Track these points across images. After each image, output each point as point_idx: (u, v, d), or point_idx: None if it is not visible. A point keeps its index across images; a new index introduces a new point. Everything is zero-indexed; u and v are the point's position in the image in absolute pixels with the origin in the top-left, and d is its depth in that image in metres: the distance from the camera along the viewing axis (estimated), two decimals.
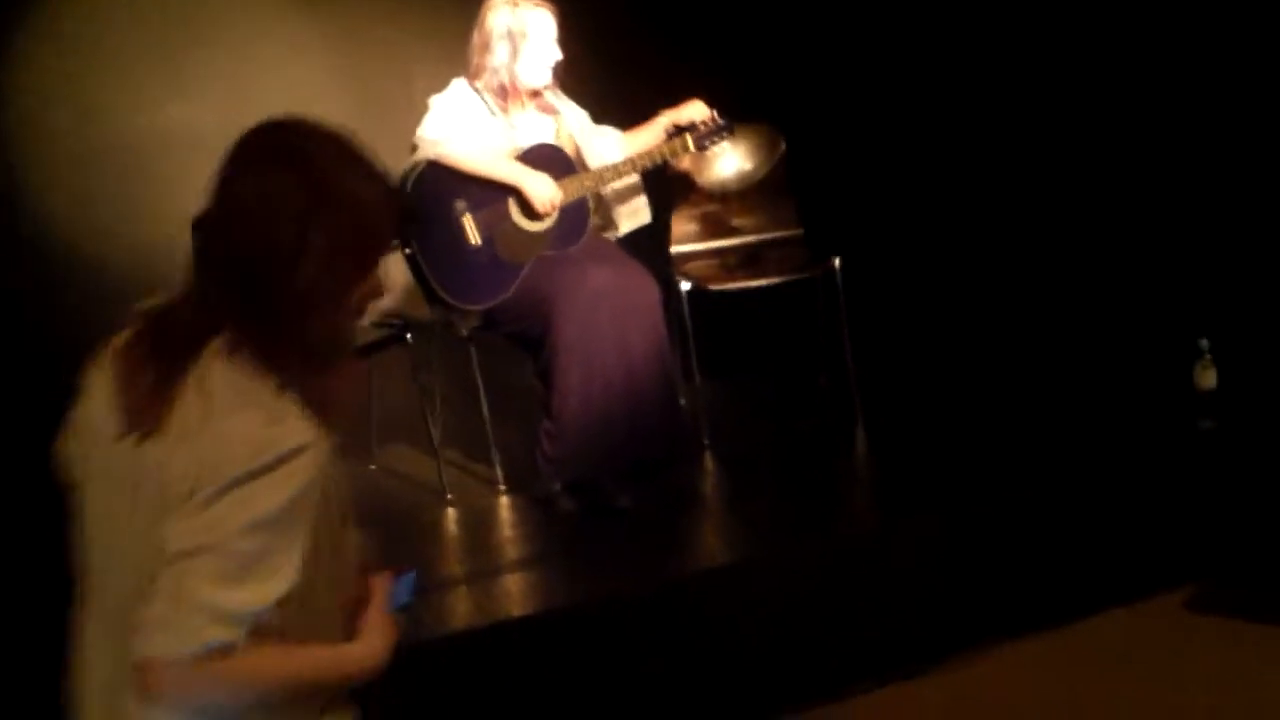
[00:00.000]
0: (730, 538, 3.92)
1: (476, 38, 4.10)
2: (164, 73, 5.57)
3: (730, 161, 4.99)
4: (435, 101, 4.08)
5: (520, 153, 4.10)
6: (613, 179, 4.19)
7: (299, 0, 5.73)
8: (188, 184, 5.21)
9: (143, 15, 5.53)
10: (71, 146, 5.36)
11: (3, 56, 5.29)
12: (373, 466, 4.64)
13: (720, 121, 4.29)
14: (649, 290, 4.05)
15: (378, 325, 4.35)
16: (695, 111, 4.30)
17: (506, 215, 4.07)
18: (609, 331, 3.94)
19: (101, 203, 5.44)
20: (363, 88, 5.81)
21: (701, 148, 4.29)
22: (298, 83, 5.83)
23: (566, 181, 4.12)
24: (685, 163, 4.34)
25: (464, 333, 4.16)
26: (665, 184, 4.86)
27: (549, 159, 4.12)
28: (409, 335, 4.25)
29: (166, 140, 5.53)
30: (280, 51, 5.79)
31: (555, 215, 4.12)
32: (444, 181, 4.01)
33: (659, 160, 4.22)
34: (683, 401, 4.60)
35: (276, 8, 5.76)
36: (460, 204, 4.02)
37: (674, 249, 4.89)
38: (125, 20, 5.50)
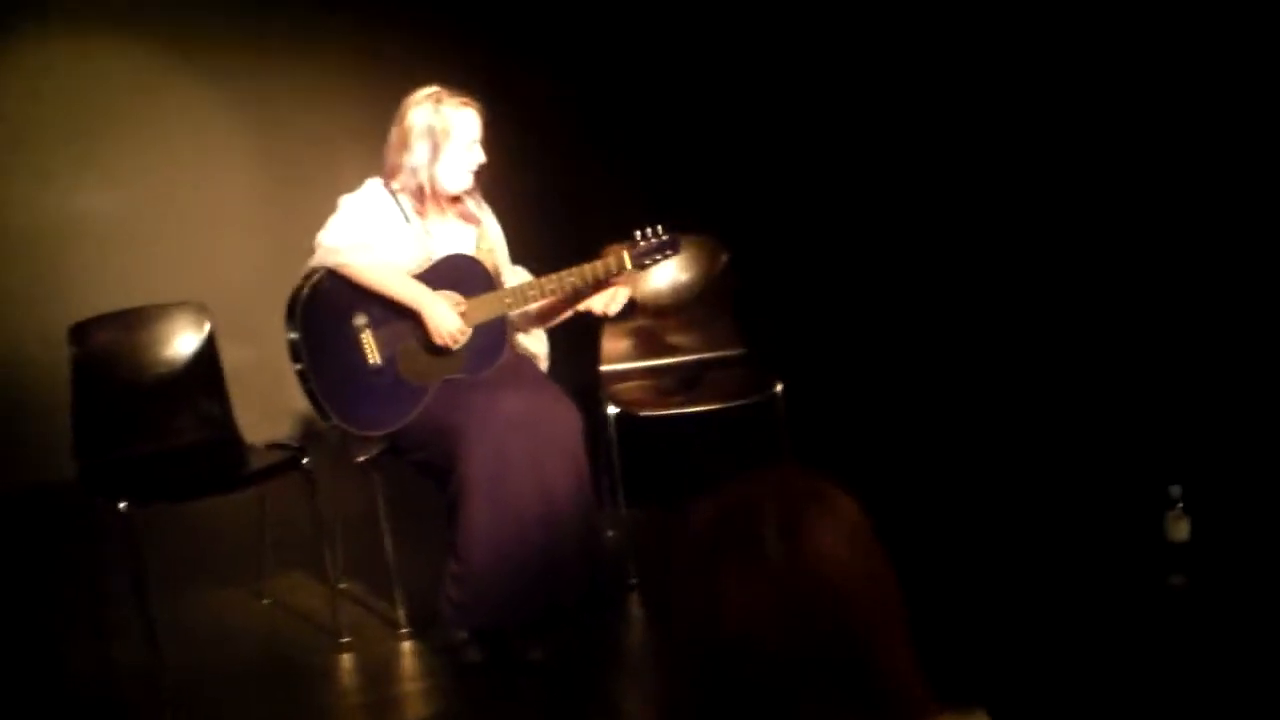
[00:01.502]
0: (655, 700, 3.50)
1: (395, 134, 3.75)
2: (74, 158, 5.30)
3: (666, 272, 4.64)
4: (344, 202, 3.72)
5: (432, 264, 3.73)
6: (536, 298, 3.82)
7: (219, 84, 5.49)
8: (97, 272, 5.12)
9: (51, 98, 5.26)
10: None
11: None
12: (265, 601, 4.20)
13: (663, 236, 3.91)
14: (568, 419, 3.68)
15: (272, 447, 3.95)
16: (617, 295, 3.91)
17: (411, 333, 3.69)
18: (523, 465, 3.57)
19: (19, 288, 5.26)
20: (285, 172, 5.56)
21: (641, 266, 3.90)
22: (217, 167, 5.58)
23: (483, 300, 3.75)
24: (621, 282, 3.92)
25: (360, 459, 3.76)
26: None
27: (464, 272, 3.76)
28: (305, 460, 3.84)
29: (76, 228, 5.27)
30: (199, 136, 5.57)
31: (467, 335, 3.74)
32: (343, 293, 3.64)
33: (589, 280, 3.83)
34: (610, 533, 4.24)
35: (195, 93, 5.51)
36: (360, 319, 3.64)
37: (604, 368, 4.53)
38: (31, 103, 5.22)
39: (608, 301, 3.86)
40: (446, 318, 3.66)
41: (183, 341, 4.10)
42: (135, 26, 5.36)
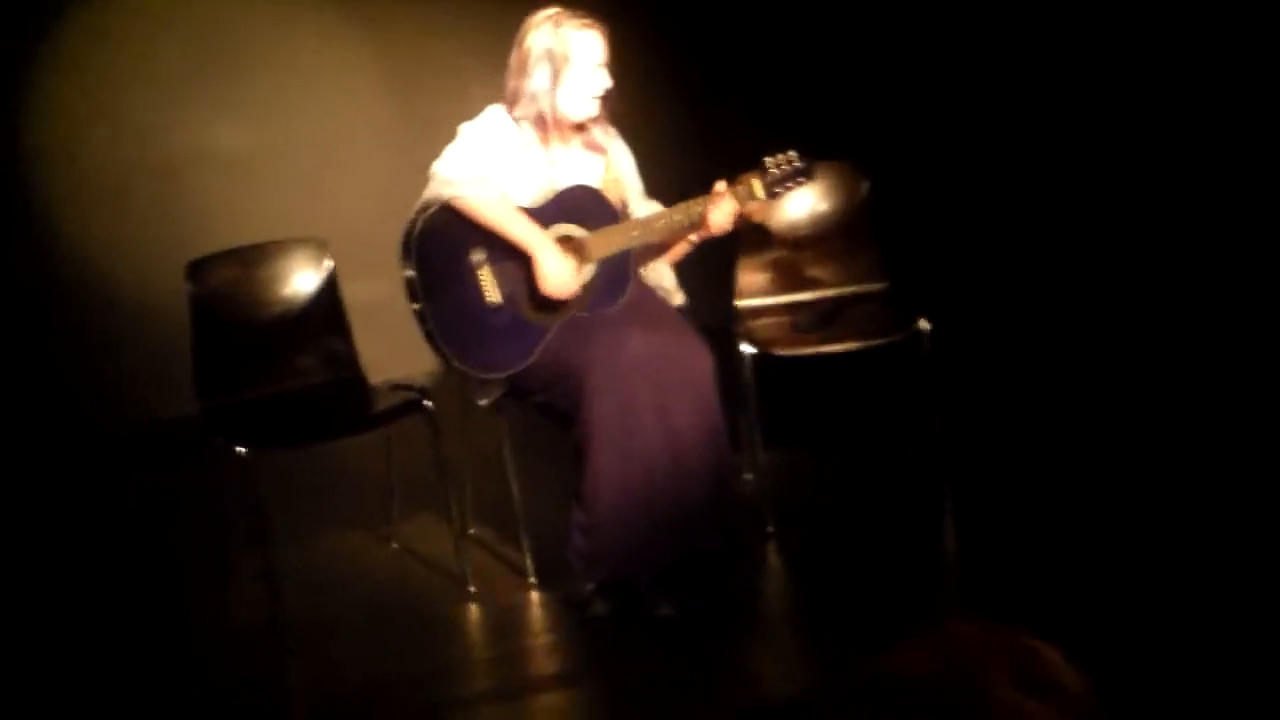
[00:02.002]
0: (791, 661, 3.32)
1: (514, 58, 3.55)
2: (206, 93, 5.26)
3: (804, 202, 4.38)
4: (464, 130, 3.54)
5: (554, 196, 3.53)
6: (663, 231, 3.60)
7: (347, 16, 5.36)
8: (228, 206, 5.04)
9: (184, 35, 5.20)
10: (109, 168, 5.07)
11: (39, 76, 4.97)
12: (394, 545, 4.09)
13: (797, 163, 3.66)
14: (698, 358, 3.47)
15: (395, 388, 3.82)
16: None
17: (530, 270, 3.50)
18: (650, 408, 3.38)
19: (139, 224, 5.20)
20: (412, 104, 5.44)
21: (773, 194, 3.66)
22: (344, 100, 5.48)
23: (606, 232, 3.55)
24: (753, 211, 3.68)
25: (482, 402, 3.60)
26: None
27: (587, 204, 3.57)
28: (427, 401, 3.69)
29: (209, 161, 5.22)
30: (327, 68, 5.44)
31: (591, 271, 3.54)
32: (459, 228, 3.47)
33: (734, 204, 3.60)
34: (748, 476, 4.06)
35: (323, 24, 5.39)
36: (478, 255, 3.47)
37: (739, 303, 4.30)
38: (166, 40, 5.17)
39: (722, 218, 3.59)
40: (557, 268, 3.47)
41: (303, 279, 3.98)
42: None
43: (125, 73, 5.16)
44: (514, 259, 3.49)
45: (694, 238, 3.67)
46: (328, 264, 3.99)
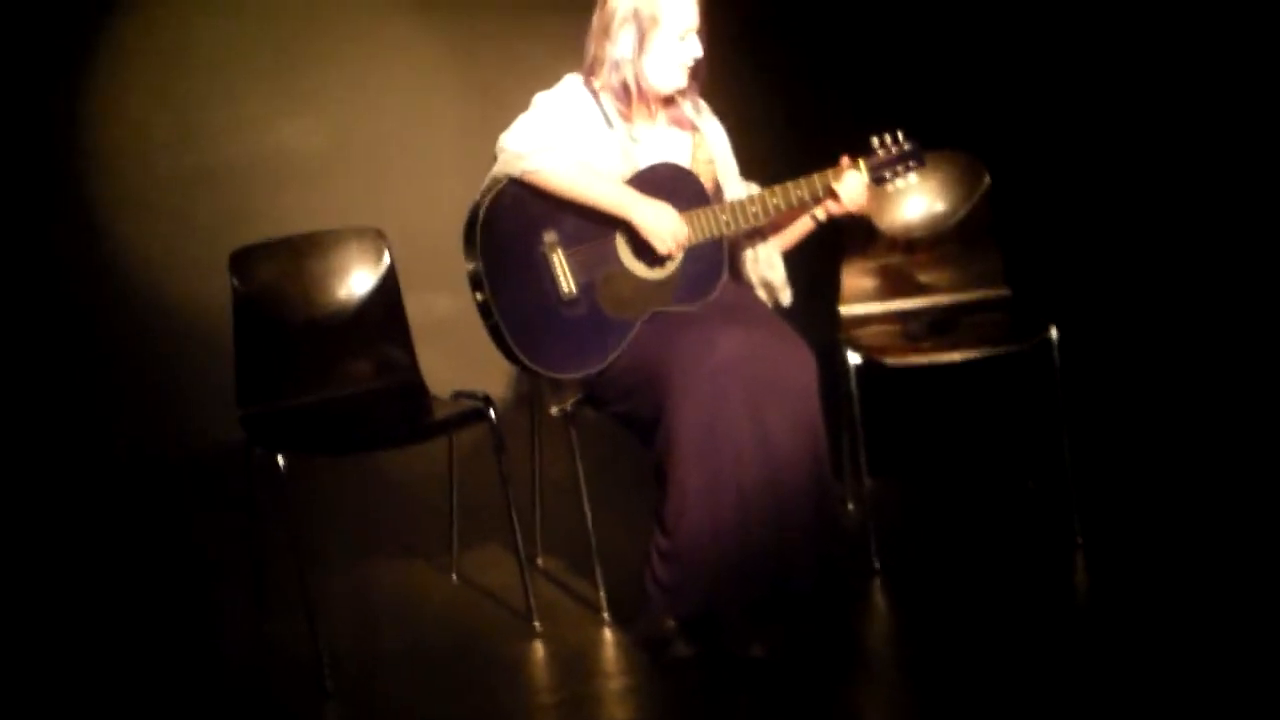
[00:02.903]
0: (900, 714, 2.84)
1: (596, 21, 3.18)
2: (271, 91, 4.98)
3: (918, 201, 3.93)
4: (538, 100, 3.15)
5: (636, 173, 3.11)
6: (759, 217, 3.17)
7: (418, 9, 4.99)
8: (295, 206, 4.67)
9: (249, 31, 4.90)
10: (171, 166, 4.88)
11: (102, 73, 4.77)
12: (453, 576, 3.68)
13: (906, 146, 3.23)
14: (801, 364, 3.03)
15: (458, 396, 3.41)
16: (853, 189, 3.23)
17: (613, 256, 3.10)
18: (743, 416, 2.95)
19: (201, 223, 4.96)
20: (486, 103, 5.03)
21: (880, 180, 3.25)
22: (416, 98, 5.16)
23: (697, 214, 3.12)
24: (859, 206, 3.25)
25: (554, 411, 3.18)
26: (834, 227, 3.84)
27: (673, 183, 3.15)
28: (492, 411, 3.27)
29: (273, 161, 4.89)
30: (397, 65, 5.11)
31: (679, 259, 3.12)
32: (530, 207, 3.06)
33: (820, 194, 3.19)
34: (850, 506, 3.62)
35: (393, 19, 5.04)
36: (550, 238, 3.06)
37: (843, 309, 3.85)
38: (231, 36, 4.86)
39: (855, 192, 3.20)
40: (667, 219, 3.05)
41: (359, 274, 3.58)
42: None
43: (190, 69, 4.85)
44: (595, 241, 3.09)
45: (820, 214, 3.26)
46: (386, 256, 3.59)
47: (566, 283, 3.06)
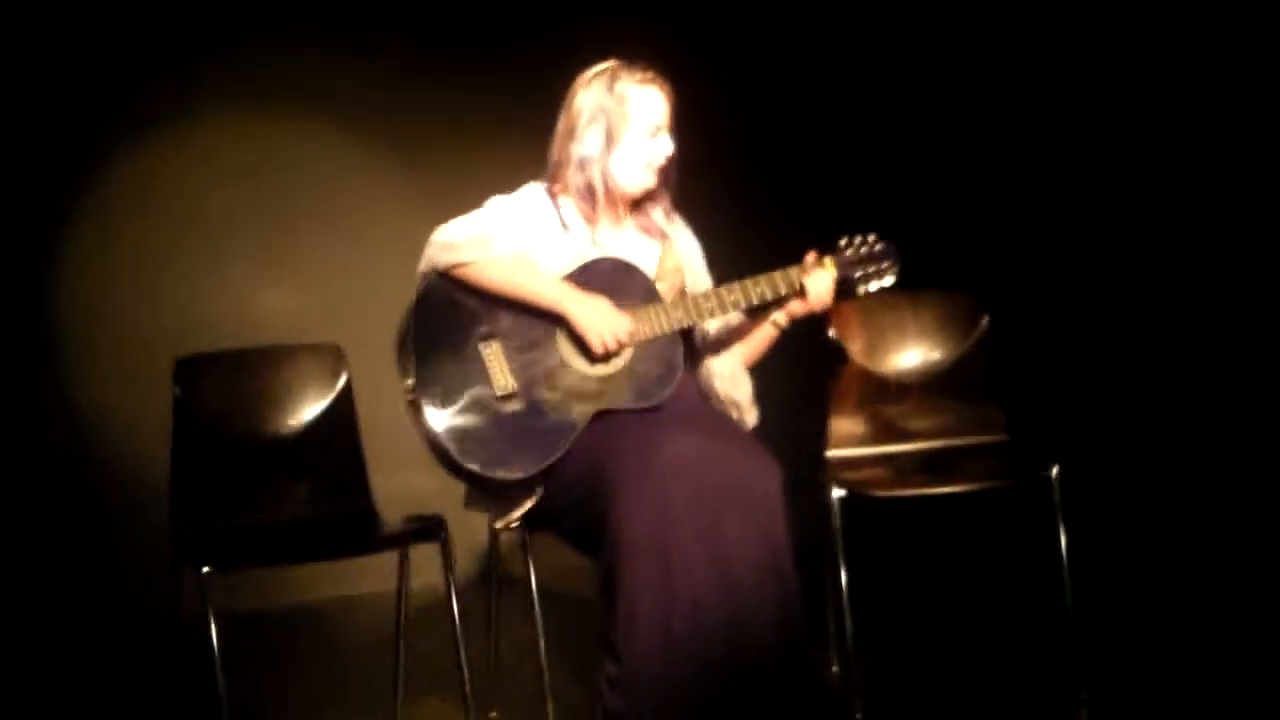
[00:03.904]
0: None
1: (561, 123, 3.03)
2: (256, 256, 4.73)
3: (912, 351, 3.74)
4: (490, 201, 2.99)
5: (580, 266, 2.94)
6: (714, 312, 2.96)
7: (410, 175, 4.83)
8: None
9: (235, 195, 4.70)
10: (148, 335, 4.50)
11: (76, 231, 4.51)
12: None
13: (878, 246, 3.04)
14: (761, 472, 2.77)
15: (410, 520, 3.16)
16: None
17: (554, 352, 2.88)
18: (694, 528, 2.66)
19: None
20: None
21: (847, 281, 3.02)
22: (408, 267, 4.95)
23: (646, 311, 2.92)
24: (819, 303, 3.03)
25: (498, 525, 2.93)
26: (821, 364, 3.64)
27: (613, 278, 2.95)
28: (444, 534, 3.03)
29: (257, 329, 4.68)
30: (387, 230, 4.92)
31: (626, 356, 2.90)
32: (462, 301, 2.88)
33: (782, 291, 2.98)
34: (835, 668, 3.39)
35: (385, 185, 4.86)
36: (485, 331, 2.86)
37: (830, 453, 3.60)
38: (216, 200, 4.68)
39: (811, 294, 2.98)
40: (598, 312, 2.85)
41: (313, 391, 3.38)
42: (309, 107, 4.81)
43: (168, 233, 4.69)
44: (531, 336, 2.88)
45: (782, 319, 3.05)
46: (344, 376, 3.40)
47: (503, 378, 2.84)
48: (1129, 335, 4.27)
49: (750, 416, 3.12)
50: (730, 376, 3.10)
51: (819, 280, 2.98)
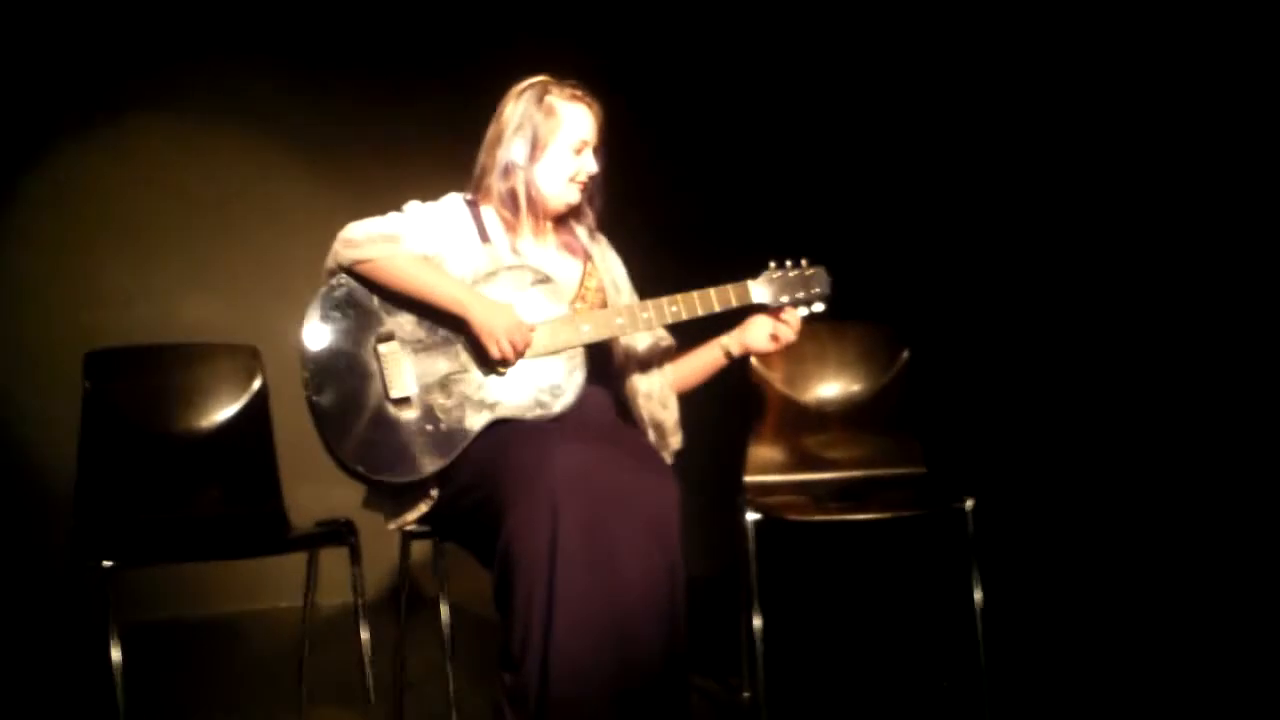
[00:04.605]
0: None
1: (491, 131, 3.00)
2: (187, 264, 4.68)
3: (834, 383, 3.76)
4: (409, 205, 2.96)
5: (484, 275, 2.91)
6: (629, 329, 2.94)
7: (334, 184, 4.80)
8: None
9: (160, 200, 4.65)
10: (78, 335, 4.41)
11: (4, 229, 4.46)
12: None
13: (808, 270, 3.02)
14: (656, 486, 2.72)
15: (322, 524, 3.13)
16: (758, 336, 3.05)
17: (453, 357, 2.85)
18: (582, 541, 2.60)
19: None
20: None
21: (776, 301, 3.00)
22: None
23: (556, 323, 2.90)
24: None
25: (391, 526, 2.88)
26: (739, 394, 3.64)
27: (531, 287, 2.91)
28: (352, 538, 3.00)
29: (176, 331, 4.61)
30: (308, 237, 4.84)
31: (529, 365, 2.87)
32: (361, 301, 2.83)
33: (700, 309, 2.93)
34: (746, 694, 3.32)
35: (308, 193, 4.82)
36: (383, 332, 2.83)
37: (749, 479, 3.60)
38: (142, 203, 4.63)
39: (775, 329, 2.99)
40: (500, 315, 2.82)
41: (227, 392, 3.34)
42: (237, 120, 4.78)
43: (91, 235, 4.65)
44: (429, 339, 2.84)
45: (734, 349, 3.06)
46: (259, 379, 3.36)
47: (396, 381, 2.80)
48: (1048, 369, 4.32)
49: (674, 440, 3.09)
50: (658, 397, 3.06)
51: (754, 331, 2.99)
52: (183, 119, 4.69)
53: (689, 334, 3.06)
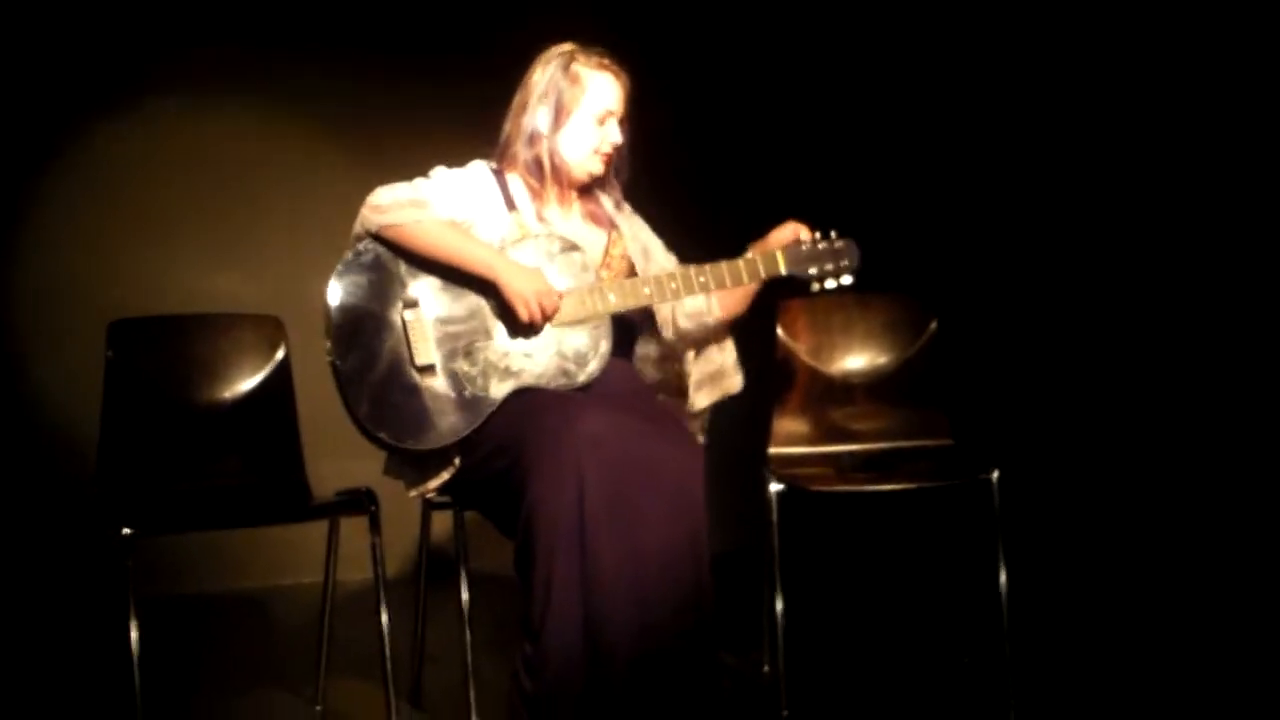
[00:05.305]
0: None
1: (517, 99, 2.99)
2: (212, 239, 4.68)
3: (860, 354, 3.72)
4: (436, 171, 2.94)
5: (510, 244, 2.89)
6: (656, 298, 2.92)
7: (359, 158, 4.77)
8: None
9: (194, 178, 4.65)
10: (105, 312, 4.42)
11: (34, 209, 4.46)
12: (318, 708, 3.29)
13: (836, 243, 3.00)
14: (682, 456, 2.71)
15: (341, 494, 3.11)
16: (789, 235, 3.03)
17: (480, 324, 2.83)
18: (606, 509, 2.59)
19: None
20: None
21: (802, 272, 2.97)
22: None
23: (583, 291, 2.87)
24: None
25: (412, 494, 2.88)
26: (765, 366, 3.60)
27: (558, 254, 2.90)
28: (373, 506, 2.98)
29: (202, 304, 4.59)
30: (335, 212, 4.83)
31: (555, 333, 2.85)
32: (388, 267, 2.81)
33: (729, 281, 2.93)
34: (766, 668, 3.32)
35: (334, 170, 4.79)
36: (409, 299, 2.81)
37: (774, 450, 3.57)
38: (166, 179, 4.63)
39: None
40: (531, 279, 2.80)
41: (250, 362, 3.33)
42: (259, 97, 4.77)
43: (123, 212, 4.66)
44: (458, 306, 2.82)
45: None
46: (282, 349, 3.35)
47: (421, 347, 2.78)
48: (1077, 341, 4.28)
49: (736, 380, 3.10)
50: (716, 338, 3.08)
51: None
52: (205, 96, 4.68)
53: None
